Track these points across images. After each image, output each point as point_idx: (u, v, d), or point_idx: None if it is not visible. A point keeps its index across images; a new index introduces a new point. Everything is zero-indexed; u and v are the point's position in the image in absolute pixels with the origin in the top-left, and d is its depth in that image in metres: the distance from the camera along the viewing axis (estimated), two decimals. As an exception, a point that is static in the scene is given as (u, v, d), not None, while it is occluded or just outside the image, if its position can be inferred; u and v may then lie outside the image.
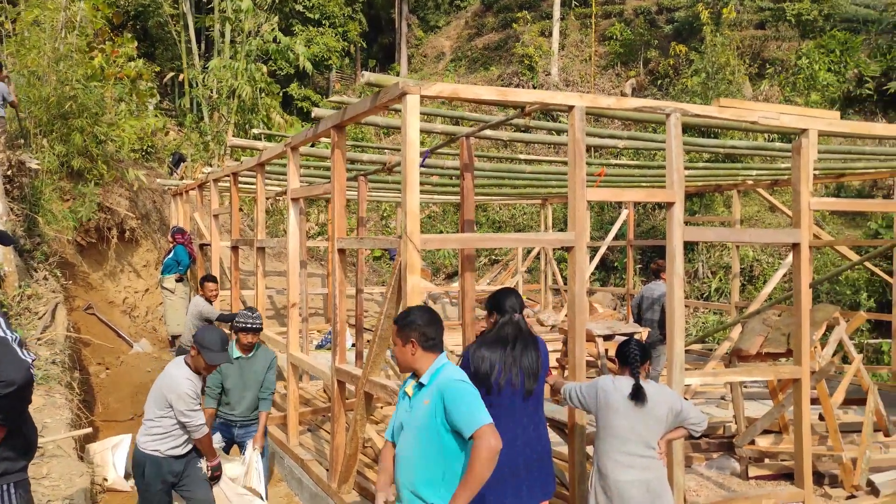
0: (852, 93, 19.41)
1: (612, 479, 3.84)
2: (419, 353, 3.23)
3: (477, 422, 2.98)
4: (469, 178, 5.82)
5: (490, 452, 2.93)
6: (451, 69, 26.37)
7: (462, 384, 3.11)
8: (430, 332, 3.24)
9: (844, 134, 6.10)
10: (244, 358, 5.69)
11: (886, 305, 10.29)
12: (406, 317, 3.30)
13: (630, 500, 3.80)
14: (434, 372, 3.20)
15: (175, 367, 4.75)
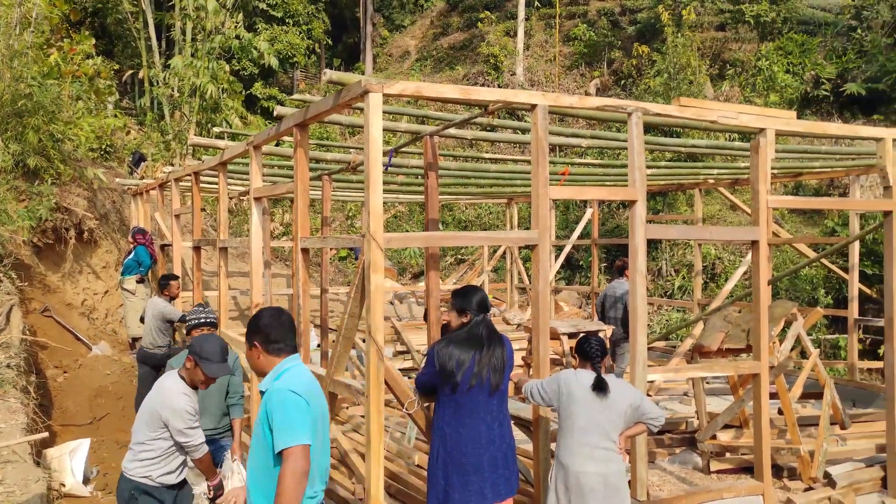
0: (809, 94, 19.82)
1: (573, 470, 3.90)
2: (264, 357, 3.05)
3: (289, 439, 2.75)
4: (433, 177, 5.81)
5: (295, 476, 2.70)
6: (417, 68, 26.36)
7: (288, 395, 2.86)
8: (274, 335, 3.04)
9: (801, 133, 6.23)
10: None
11: (843, 302, 10.54)
12: (251, 319, 3.16)
13: (589, 492, 3.86)
14: (275, 377, 2.99)
15: (169, 380, 4.23)
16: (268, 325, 3.05)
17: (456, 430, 3.89)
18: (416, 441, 6.12)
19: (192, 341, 4.20)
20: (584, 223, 12.49)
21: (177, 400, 4.08)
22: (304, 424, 2.81)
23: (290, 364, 3.03)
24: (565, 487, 3.92)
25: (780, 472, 6.10)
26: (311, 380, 3.04)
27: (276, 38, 21.43)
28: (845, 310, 9.74)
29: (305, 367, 3.10)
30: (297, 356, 3.10)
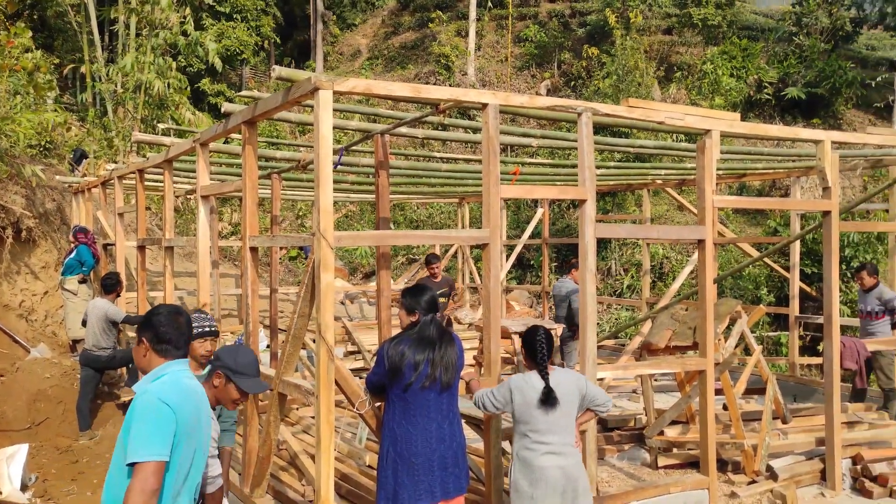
0: (753, 97, 20.34)
1: (536, 466, 3.95)
2: (150, 356, 2.89)
3: (143, 453, 2.57)
4: (384, 176, 5.77)
5: (142, 495, 2.53)
6: (368, 67, 26.22)
7: (154, 403, 2.68)
8: (165, 335, 2.88)
9: (744, 135, 6.37)
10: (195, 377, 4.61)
11: (785, 300, 10.82)
12: (146, 314, 3.00)
13: (552, 485, 3.92)
14: (153, 379, 2.83)
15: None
16: (162, 323, 2.90)
17: (406, 429, 3.87)
18: (367, 441, 6.08)
19: (220, 353, 3.54)
20: (535, 223, 12.58)
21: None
22: (163, 438, 2.63)
23: (172, 368, 2.87)
24: (528, 482, 3.97)
25: (724, 466, 6.24)
26: (189, 388, 2.86)
27: (223, 34, 21.04)
28: (787, 308, 10.01)
29: (188, 375, 2.93)
30: (184, 362, 2.94)
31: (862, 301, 8.05)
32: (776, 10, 29.66)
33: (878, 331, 7.85)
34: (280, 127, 18.84)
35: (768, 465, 6.12)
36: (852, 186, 16.94)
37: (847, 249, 12.69)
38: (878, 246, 12.51)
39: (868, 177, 16.20)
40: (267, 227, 9.07)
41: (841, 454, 6.15)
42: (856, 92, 20.42)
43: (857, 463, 6.24)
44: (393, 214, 18.61)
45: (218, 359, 3.50)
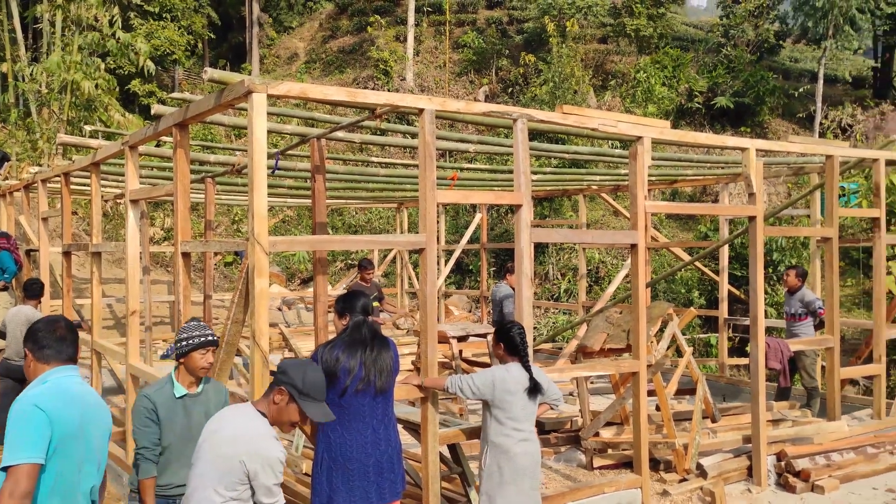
0: (684, 106, 20.96)
1: (512, 452, 4.25)
2: (34, 366, 2.83)
3: (13, 457, 2.53)
4: (320, 181, 5.73)
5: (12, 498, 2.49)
6: (305, 71, 25.96)
7: (27, 408, 2.63)
8: (43, 341, 2.83)
9: (674, 142, 6.56)
10: (190, 395, 3.82)
11: (715, 302, 11.15)
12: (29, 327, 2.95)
13: (523, 468, 4.27)
14: (33, 386, 2.77)
15: (248, 417, 3.02)
16: (39, 329, 2.86)
17: (341, 434, 3.84)
18: (304, 448, 6.00)
19: (287, 367, 3.06)
20: (474, 228, 12.65)
21: (270, 447, 2.93)
22: (35, 441, 2.57)
23: (56, 375, 2.80)
24: (499, 467, 4.26)
25: (657, 465, 6.37)
26: (76, 394, 2.77)
27: (152, 34, 20.50)
28: (717, 310, 10.32)
29: (74, 379, 2.84)
30: (69, 368, 2.85)
31: (787, 303, 8.34)
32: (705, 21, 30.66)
33: (801, 332, 8.13)
34: (214, 130, 18.49)
35: (698, 463, 6.28)
36: (777, 193, 17.59)
37: (774, 254, 13.16)
38: (803, 251, 13.01)
39: (792, 184, 16.85)
40: (201, 232, 8.88)
41: (766, 451, 6.37)
42: (780, 102, 21.26)
43: (781, 459, 6.46)
44: (331, 219, 18.46)
45: (283, 373, 3.03)
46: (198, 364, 3.80)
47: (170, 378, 3.83)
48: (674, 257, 14.57)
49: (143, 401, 3.74)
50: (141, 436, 3.70)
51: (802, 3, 20.02)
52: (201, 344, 3.79)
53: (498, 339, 4.52)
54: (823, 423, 7.17)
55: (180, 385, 3.81)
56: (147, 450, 3.70)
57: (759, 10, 21.96)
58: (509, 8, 27.75)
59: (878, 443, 7.05)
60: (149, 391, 3.79)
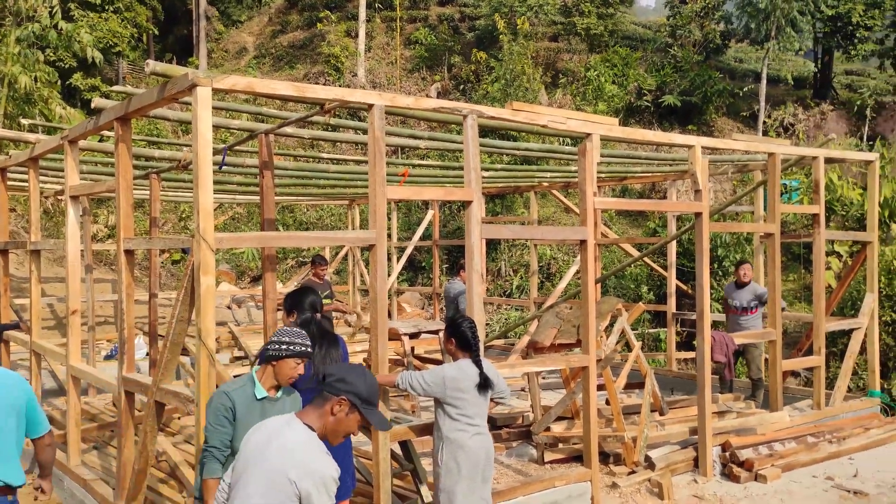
0: (633, 104, 21.27)
1: (468, 446, 4.29)
2: None
3: None
4: (269, 177, 5.65)
5: None
6: (255, 66, 25.58)
7: None
8: None
9: (622, 139, 6.64)
10: (269, 399, 3.61)
11: (664, 297, 11.35)
12: None
13: (478, 462, 4.32)
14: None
15: (296, 431, 2.71)
16: None
17: None
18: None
19: (346, 375, 2.78)
20: (426, 225, 12.63)
21: (324, 463, 2.66)
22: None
23: None
24: (456, 462, 4.28)
25: (607, 458, 6.46)
26: None
27: (94, 26, 19.92)
28: (665, 305, 10.50)
29: None
30: None
31: (735, 297, 8.45)
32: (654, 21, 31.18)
33: (752, 325, 8.28)
34: (161, 125, 18.09)
35: (647, 455, 6.39)
36: (724, 190, 17.98)
37: (720, 250, 13.47)
38: (747, 246, 13.34)
39: (737, 181, 17.24)
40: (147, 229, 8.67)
41: (712, 442, 6.51)
42: (725, 101, 21.74)
43: (726, 450, 6.61)
44: (282, 217, 18.24)
45: (342, 380, 2.74)
46: (289, 372, 3.57)
47: (251, 378, 3.60)
48: (624, 253, 14.79)
49: (221, 398, 3.50)
50: (213, 434, 3.48)
51: (746, 5, 20.49)
52: (299, 353, 3.55)
53: (449, 334, 4.53)
54: (766, 414, 7.36)
55: (262, 387, 3.58)
56: (216, 449, 3.49)
57: (704, 11, 22.40)
58: (461, 5, 27.77)
59: (818, 432, 7.27)
60: (228, 389, 3.56)
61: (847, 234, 11.27)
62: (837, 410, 7.95)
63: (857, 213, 14.11)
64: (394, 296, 13.99)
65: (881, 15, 22.09)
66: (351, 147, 18.56)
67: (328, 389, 2.75)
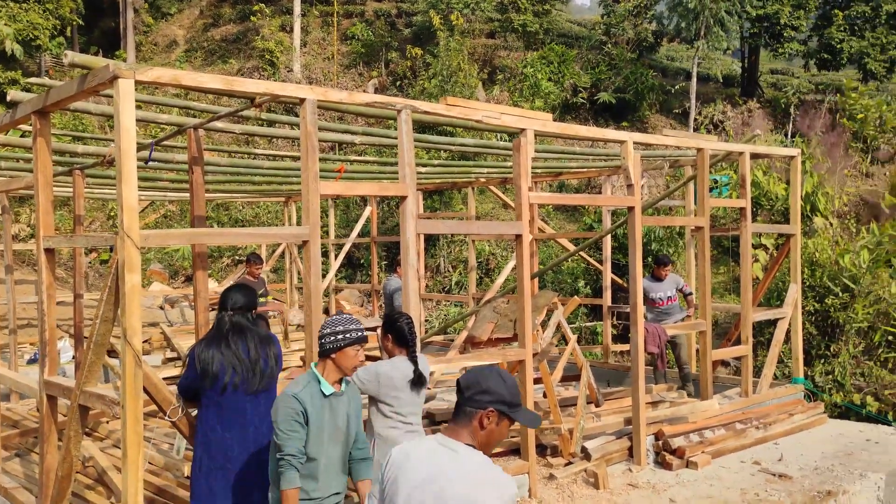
0: (569, 101, 21.56)
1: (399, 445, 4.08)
2: None
3: None
4: (198, 172, 5.52)
5: None
6: (185, 60, 24.94)
7: None
8: None
9: (556, 134, 6.71)
10: (336, 395, 3.52)
11: (600, 291, 11.53)
12: None
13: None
14: None
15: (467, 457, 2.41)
16: None
17: (221, 434, 3.71)
18: (186, 451, 5.77)
19: (487, 385, 2.44)
20: (363, 221, 12.55)
21: (509, 484, 2.38)
22: None
23: None
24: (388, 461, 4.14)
25: (544, 450, 6.53)
26: None
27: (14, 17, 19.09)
28: (601, 299, 10.68)
29: None
30: None
31: (657, 290, 8.73)
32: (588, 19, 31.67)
33: (673, 312, 8.75)
34: (87, 120, 17.49)
35: (583, 446, 6.48)
36: (657, 186, 18.38)
37: (653, 244, 13.76)
38: (679, 241, 13.67)
39: (670, 177, 17.66)
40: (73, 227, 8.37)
41: (645, 432, 6.65)
42: (658, 98, 22.24)
43: (659, 438, 6.76)
44: (217, 214, 17.86)
45: (485, 391, 2.43)
46: (350, 362, 3.50)
47: (314, 375, 3.47)
48: (561, 248, 14.98)
49: (290, 401, 3.35)
50: (288, 441, 3.32)
51: (676, 5, 20.97)
52: (358, 339, 3.48)
53: (386, 330, 4.45)
54: (697, 403, 7.56)
55: (327, 382, 3.46)
56: (293, 457, 3.33)
57: (637, 10, 22.85)
58: (398, 1, 27.67)
59: (746, 419, 7.51)
60: (295, 391, 3.39)
61: (772, 227, 11.68)
62: (764, 397, 8.23)
63: (782, 207, 14.64)
64: (332, 294, 13.87)
65: (806, 16, 22.93)
66: (287, 143, 18.29)
67: (470, 404, 2.47)
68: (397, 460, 2.52)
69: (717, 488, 6.10)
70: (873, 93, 22.33)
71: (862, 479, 6.33)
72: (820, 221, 14.13)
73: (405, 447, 2.57)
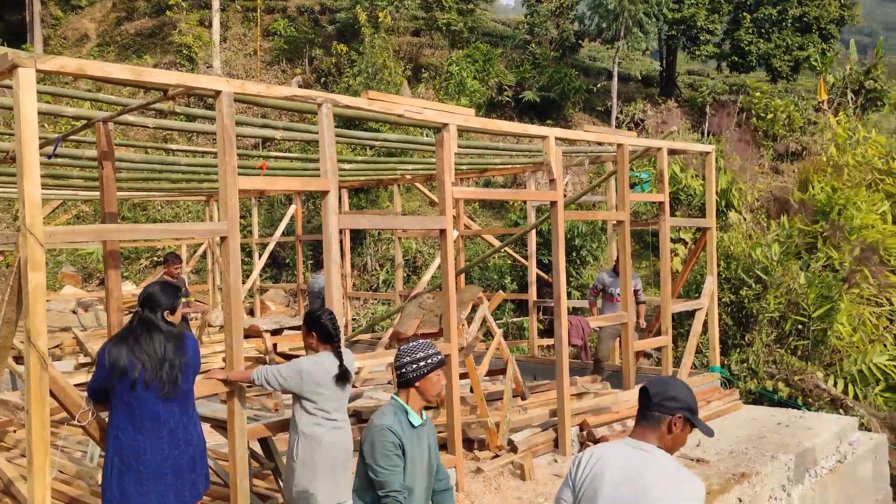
0: (495, 99, 21.74)
1: (325, 441, 4.14)
2: None
3: None
4: (109, 168, 5.31)
5: None
6: (98, 54, 23.98)
7: None
8: None
9: (479, 129, 6.74)
10: (421, 424, 3.40)
11: (526, 287, 11.68)
12: None
13: (336, 458, 4.18)
14: None
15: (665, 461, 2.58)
16: None
17: (133, 436, 3.57)
18: (100, 459, 5.54)
19: (675, 393, 2.63)
20: (288, 219, 12.35)
21: (701, 484, 2.60)
22: None
23: None
24: (312, 458, 4.13)
25: (472, 444, 6.56)
26: None
27: None
28: (527, 294, 10.80)
29: None
30: None
31: (616, 285, 8.81)
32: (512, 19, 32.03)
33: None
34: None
35: (509, 439, 6.53)
36: (581, 183, 18.74)
37: (577, 240, 14.03)
38: (602, 236, 13.98)
39: (593, 174, 18.03)
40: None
41: (570, 423, 6.75)
42: (581, 97, 22.67)
43: (583, 429, 6.88)
44: (134, 215, 17.24)
45: (674, 399, 2.61)
46: (435, 388, 3.36)
47: (400, 405, 3.33)
48: (488, 245, 15.10)
49: (387, 435, 3.18)
50: (391, 476, 3.16)
51: (597, 6, 21.42)
52: (439, 363, 3.37)
53: (309, 328, 4.36)
54: (620, 393, 7.72)
55: (415, 413, 3.33)
56: (399, 493, 3.17)
57: (559, 10, 23.22)
58: (321, -3, 27.32)
59: (666, 407, 7.70)
60: (389, 423, 3.23)
61: (688, 220, 12.06)
62: (684, 386, 8.46)
63: (699, 202, 15.14)
64: (256, 293, 13.60)
65: (720, 20, 23.79)
66: (207, 140, 17.83)
67: (658, 409, 2.63)
68: (591, 461, 2.65)
69: (639, 475, 6.24)
70: (783, 93, 23.35)
71: (773, 461, 6.60)
72: (734, 216, 14.70)
73: (597, 449, 2.69)
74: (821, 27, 23.65)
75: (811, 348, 11.57)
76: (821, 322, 11.51)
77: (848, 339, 11.71)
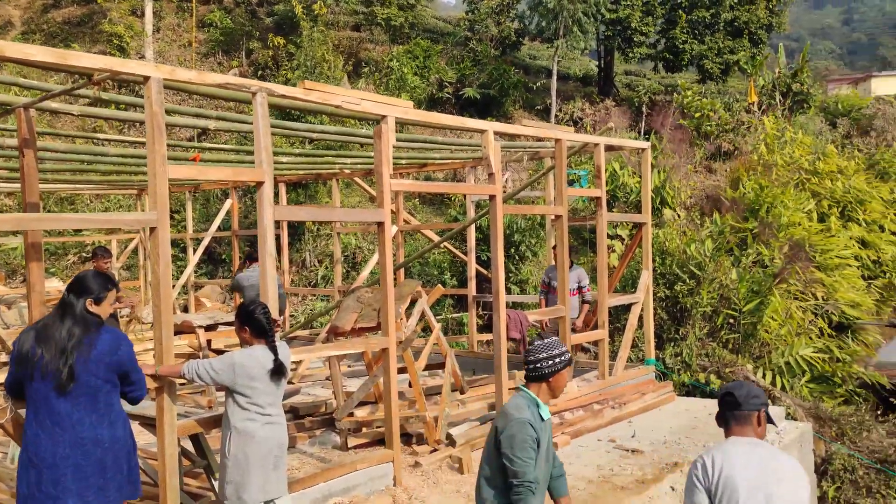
0: (435, 95, 21.72)
1: (258, 437, 4.08)
2: None
3: None
4: (30, 156, 5.09)
5: None
6: (22, 42, 23.04)
7: None
8: None
9: (418, 122, 6.71)
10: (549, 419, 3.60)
11: (466, 283, 11.69)
12: None
13: (269, 452, 4.12)
14: None
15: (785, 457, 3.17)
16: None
17: (35, 432, 3.40)
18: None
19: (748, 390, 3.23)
20: (224, 214, 12.08)
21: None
22: None
23: None
24: (244, 453, 4.06)
25: (410, 438, 6.53)
26: None
27: None
28: (466, 289, 10.81)
29: None
30: None
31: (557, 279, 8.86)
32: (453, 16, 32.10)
33: (573, 306, 8.72)
34: None
35: (448, 433, 6.52)
36: (521, 179, 18.88)
37: (516, 235, 14.12)
38: (541, 231, 14.11)
39: (533, 170, 18.19)
40: None
41: (509, 415, 6.77)
42: (521, 95, 22.85)
43: (522, 422, 6.91)
44: (61, 209, 16.59)
45: (756, 396, 3.21)
46: (564, 384, 3.56)
47: (532, 399, 3.46)
48: (427, 241, 15.07)
49: (526, 428, 3.34)
50: (527, 468, 3.32)
51: (537, 4, 21.60)
52: (569, 361, 3.55)
53: (242, 322, 4.26)
54: (558, 386, 7.79)
55: (546, 407, 3.49)
56: (533, 483, 3.33)
57: (500, 8, 23.34)
58: (259, -12, 26.81)
59: (603, 399, 7.83)
60: (528, 417, 3.37)
61: (624, 215, 12.27)
62: (619, 379, 8.61)
63: (636, 199, 15.42)
64: (191, 290, 13.27)
65: (654, 22, 24.31)
66: (140, 132, 17.30)
67: (747, 407, 3.19)
68: (716, 463, 3.11)
69: (576, 466, 6.31)
70: (715, 94, 24.00)
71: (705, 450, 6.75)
72: (669, 213, 15.03)
73: (715, 453, 3.15)
74: (751, 32, 24.42)
75: (741, 341, 11.91)
76: (751, 316, 11.86)
77: (776, 332, 12.10)
